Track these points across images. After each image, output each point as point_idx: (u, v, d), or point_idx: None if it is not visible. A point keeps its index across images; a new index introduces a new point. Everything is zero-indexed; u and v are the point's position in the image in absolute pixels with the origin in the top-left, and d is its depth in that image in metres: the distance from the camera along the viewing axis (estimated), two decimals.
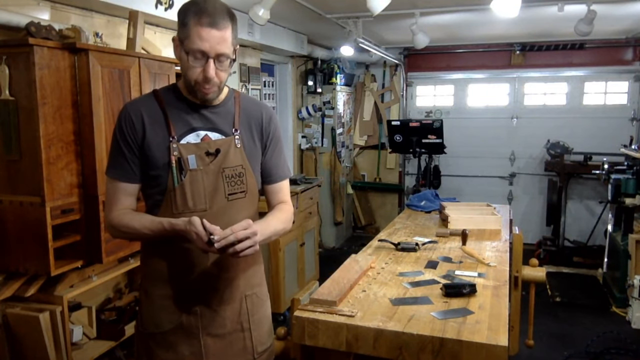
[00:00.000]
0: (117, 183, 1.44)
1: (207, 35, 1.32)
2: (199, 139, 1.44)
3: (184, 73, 1.40)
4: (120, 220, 1.42)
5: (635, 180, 4.19)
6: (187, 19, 1.33)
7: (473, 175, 6.33)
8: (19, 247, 2.26)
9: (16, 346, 2.35)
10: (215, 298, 1.48)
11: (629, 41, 5.60)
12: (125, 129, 1.41)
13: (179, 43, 1.37)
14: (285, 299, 3.85)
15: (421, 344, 1.47)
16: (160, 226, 1.38)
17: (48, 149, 2.20)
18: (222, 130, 1.48)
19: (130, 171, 1.43)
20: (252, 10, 3.34)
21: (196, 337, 1.47)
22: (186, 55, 1.35)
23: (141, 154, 1.42)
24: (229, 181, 1.46)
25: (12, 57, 2.15)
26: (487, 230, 2.71)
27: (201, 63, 1.35)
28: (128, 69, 2.54)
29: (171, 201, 1.42)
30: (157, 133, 1.41)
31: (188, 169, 1.41)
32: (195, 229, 1.30)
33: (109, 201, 1.46)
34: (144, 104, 1.44)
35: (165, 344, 1.47)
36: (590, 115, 5.87)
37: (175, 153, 1.40)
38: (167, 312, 1.47)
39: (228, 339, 1.50)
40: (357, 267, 2.01)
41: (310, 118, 5.91)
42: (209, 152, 1.44)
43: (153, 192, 1.45)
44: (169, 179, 1.41)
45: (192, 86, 1.39)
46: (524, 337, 2.48)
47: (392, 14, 4.03)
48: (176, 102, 1.45)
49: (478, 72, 6.24)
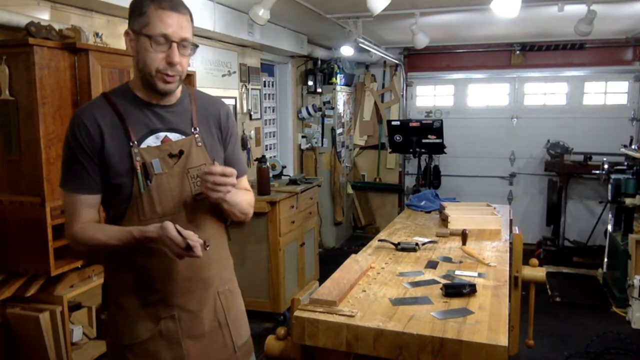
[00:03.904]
0: (76, 196, 1.36)
1: (169, 20, 1.30)
2: (159, 141, 1.39)
3: (142, 65, 1.33)
4: (84, 233, 1.35)
5: (635, 180, 4.19)
6: (145, 8, 1.30)
7: (473, 175, 6.33)
8: (19, 247, 2.26)
9: (16, 346, 2.35)
10: (192, 300, 1.45)
11: (629, 41, 5.60)
12: (81, 138, 1.33)
13: (133, 35, 1.32)
14: (285, 299, 3.85)
15: (421, 344, 1.47)
16: (129, 235, 1.32)
17: (48, 149, 2.19)
18: (181, 130, 1.43)
19: (90, 182, 1.36)
20: (252, 10, 3.34)
21: (177, 342, 1.43)
22: (147, 43, 1.30)
23: (100, 163, 1.35)
24: (195, 181, 1.42)
25: (12, 57, 2.15)
26: (487, 230, 2.71)
27: (163, 49, 1.31)
28: (128, 69, 2.54)
29: (137, 208, 1.36)
30: (116, 139, 1.34)
31: (153, 173, 1.36)
32: (169, 234, 1.26)
33: (69, 216, 1.38)
34: (97, 109, 1.36)
35: (145, 354, 1.41)
36: (590, 115, 5.88)
37: (138, 158, 1.35)
38: (143, 320, 1.41)
39: (208, 338, 1.48)
40: (357, 267, 2.01)
41: (310, 118, 5.91)
42: (172, 153, 1.39)
43: (116, 201, 1.38)
44: (134, 186, 1.35)
45: (151, 77, 1.33)
46: (524, 337, 2.48)
47: (392, 14, 4.03)
48: (130, 104, 1.38)
49: (478, 72, 6.24)
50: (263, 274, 3.82)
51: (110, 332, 1.46)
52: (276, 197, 3.75)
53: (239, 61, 4.48)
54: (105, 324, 1.50)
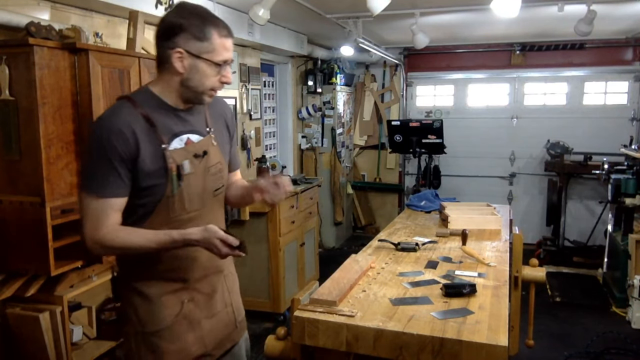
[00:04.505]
0: (106, 200, 1.38)
1: (229, 46, 1.44)
2: (182, 143, 1.47)
3: (195, 83, 1.42)
4: (115, 238, 1.39)
5: (635, 180, 4.19)
6: (208, 34, 1.39)
7: (473, 175, 6.33)
8: (19, 247, 2.26)
9: (16, 346, 2.36)
10: (208, 284, 1.58)
11: (629, 41, 5.61)
12: (118, 144, 1.36)
13: (188, 56, 1.39)
14: (285, 299, 3.85)
15: (421, 344, 1.47)
16: (168, 238, 1.39)
17: (48, 149, 2.20)
18: (199, 131, 1.52)
19: (122, 186, 1.40)
20: (252, 10, 3.34)
21: (197, 323, 1.55)
22: (206, 67, 1.41)
23: (133, 167, 1.39)
24: (213, 178, 1.54)
25: (12, 57, 2.15)
26: (487, 230, 2.71)
27: (218, 71, 1.43)
28: (128, 69, 2.54)
29: (168, 207, 1.44)
30: (148, 143, 1.40)
31: (184, 174, 1.44)
32: (220, 236, 1.36)
33: (94, 220, 1.39)
34: (129, 115, 1.40)
35: (171, 337, 1.51)
36: (590, 115, 5.88)
37: (171, 160, 1.42)
38: (168, 306, 1.50)
39: (218, 317, 1.62)
40: (357, 267, 2.01)
41: (310, 118, 5.91)
42: (197, 154, 1.48)
43: (145, 202, 1.43)
44: (168, 187, 1.42)
45: (202, 93, 1.44)
46: (524, 337, 2.48)
47: (392, 14, 4.03)
48: (155, 109, 1.44)
49: (478, 72, 6.24)
50: (263, 274, 3.82)
51: (133, 322, 1.51)
52: None
53: (239, 61, 4.48)
54: (123, 315, 1.56)
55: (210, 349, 1.59)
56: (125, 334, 1.55)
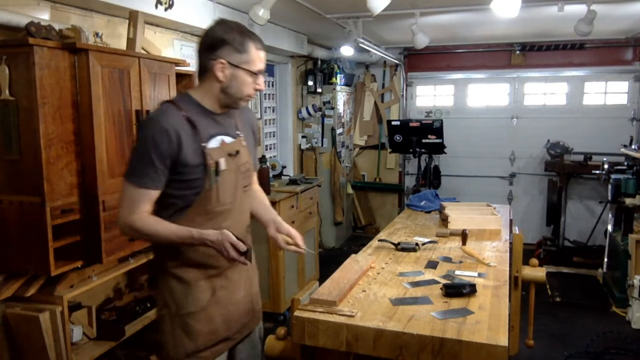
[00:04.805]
0: (142, 191, 1.57)
1: (263, 57, 1.65)
2: (218, 143, 1.65)
3: (235, 90, 1.62)
4: (144, 223, 1.57)
5: (635, 180, 4.19)
6: (247, 47, 1.60)
7: (473, 175, 6.33)
8: (19, 247, 2.26)
9: (16, 346, 2.35)
10: (235, 272, 1.77)
11: (629, 41, 5.60)
12: (162, 143, 1.53)
13: (229, 66, 1.59)
14: (285, 299, 3.85)
15: (421, 344, 1.47)
16: (188, 234, 1.56)
17: (48, 149, 2.19)
18: (230, 133, 1.70)
19: (159, 181, 1.57)
20: (252, 10, 3.34)
21: (225, 307, 1.73)
22: (245, 76, 1.61)
23: (173, 165, 1.57)
24: (243, 175, 1.73)
25: (12, 57, 2.14)
26: (487, 230, 2.71)
27: (254, 80, 1.63)
28: (128, 69, 2.54)
29: (206, 199, 1.62)
30: (190, 143, 1.57)
31: (220, 170, 1.62)
32: (231, 240, 1.53)
33: (130, 205, 1.57)
34: (174, 117, 1.58)
35: (205, 318, 1.68)
36: (590, 115, 5.87)
37: (210, 158, 1.60)
38: (203, 290, 1.68)
39: (241, 303, 1.79)
40: (357, 267, 2.01)
41: (310, 118, 5.91)
42: (230, 153, 1.67)
43: (186, 194, 1.61)
44: (206, 181, 1.60)
45: (240, 99, 1.64)
46: (524, 337, 2.48)
47: (392, 14, 4.03)
48: (196, 112, 1.63)
49: (478, 72, 6.24)
50: (263, 274, 3.81)
51: (169, 305, 1.68)
52: (276, 197, 3.75)
53: None
54: (159, 299, 1.73)
55: (233, 333, 1.77)
56: (160, 317, 1.72)
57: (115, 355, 2.81)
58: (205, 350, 1.70)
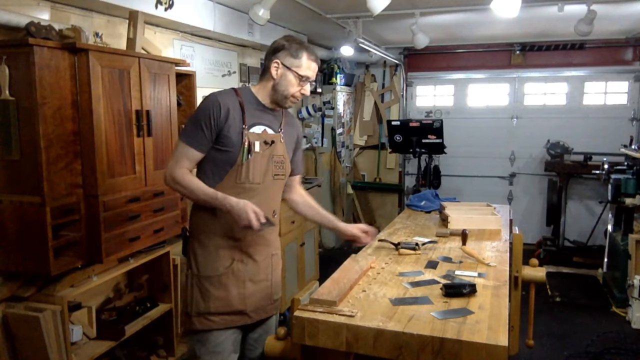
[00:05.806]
0: (189, 148, 1.85)
1: (314, 68, 1.93)
2: (260, 131, 1.92)
3: (282, 88, 1.90)
4: (183, 177, 1.84)
5: (635, 180, 4.19)
6: (301, 54, 1.89)
7: (473, 175, 6.33)
8: (19, 247, 2.26)
9: (16, 346, 2.35)
10: (257, 252, 1.96)
11: (629, 41, 5.60)
12: (212, 113, 1.82)
13: (282, 67, 1.88)
14: (285, 299, 3.84)
15: (421, 344, 1.47)
16: (214, 195, 1.80)
17: (48, 149, 2.19)
18: (274, 128, 1.97)
19: (202, 143, 1.84)
20: (252, 10, 3.34)
21: (242, 281, 1.92)
22: (293, 78, 1.89)
23: (219, 135, 1.84)
24: (276, 165, 1.95)
25: (12, 57, 2.15)
26: (487, 230, 2.71)
27: (301, 84, 1.91)
28: (128, 69, 2.54)
29: (237, 173, 1.86)
30: (235, 121, 1.85)
31: (254, 150, 1.87)
32: (253, 207, 1.74)
33: (176, 158, 1.86)
34: (228, 97, 1.88)
35: (219, 284, 1.89)
36: (590, 115, 5.87)
37: (246, 138, 1.86)
38: (221, 259, 1.90)
39: (259, 285, 1.97)
40: (357, 267, 2.01)
41: (310, 118, 5.91)
42: (267, 141, 1.92)
43: (224, 164, 1.87)
44: (239, 156, 1.86)
45: (285, 97, 1.91)
46: (524, 337, 2.48)
47: (392, 14, 4.03)
48: (250, 101, 1.92)
49: (478, 72, 6.24)
50: None
51: (192, 267, 1.93)
52: None
53: (239, 61, 4.48)
54: (187, 261, 1.97)
55: (249, 310, 1.94)
56: (186, 276, 1.96)
57: (115, 355, 2.81)
58: (216, 314, 1.89)
